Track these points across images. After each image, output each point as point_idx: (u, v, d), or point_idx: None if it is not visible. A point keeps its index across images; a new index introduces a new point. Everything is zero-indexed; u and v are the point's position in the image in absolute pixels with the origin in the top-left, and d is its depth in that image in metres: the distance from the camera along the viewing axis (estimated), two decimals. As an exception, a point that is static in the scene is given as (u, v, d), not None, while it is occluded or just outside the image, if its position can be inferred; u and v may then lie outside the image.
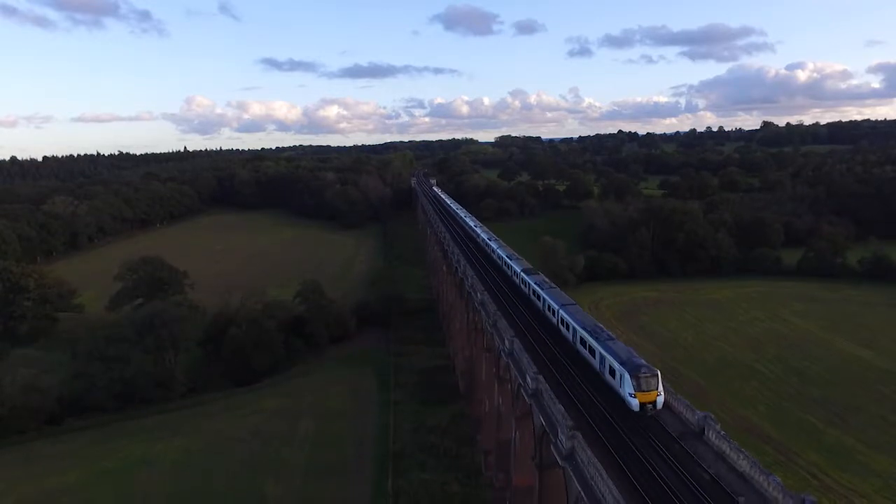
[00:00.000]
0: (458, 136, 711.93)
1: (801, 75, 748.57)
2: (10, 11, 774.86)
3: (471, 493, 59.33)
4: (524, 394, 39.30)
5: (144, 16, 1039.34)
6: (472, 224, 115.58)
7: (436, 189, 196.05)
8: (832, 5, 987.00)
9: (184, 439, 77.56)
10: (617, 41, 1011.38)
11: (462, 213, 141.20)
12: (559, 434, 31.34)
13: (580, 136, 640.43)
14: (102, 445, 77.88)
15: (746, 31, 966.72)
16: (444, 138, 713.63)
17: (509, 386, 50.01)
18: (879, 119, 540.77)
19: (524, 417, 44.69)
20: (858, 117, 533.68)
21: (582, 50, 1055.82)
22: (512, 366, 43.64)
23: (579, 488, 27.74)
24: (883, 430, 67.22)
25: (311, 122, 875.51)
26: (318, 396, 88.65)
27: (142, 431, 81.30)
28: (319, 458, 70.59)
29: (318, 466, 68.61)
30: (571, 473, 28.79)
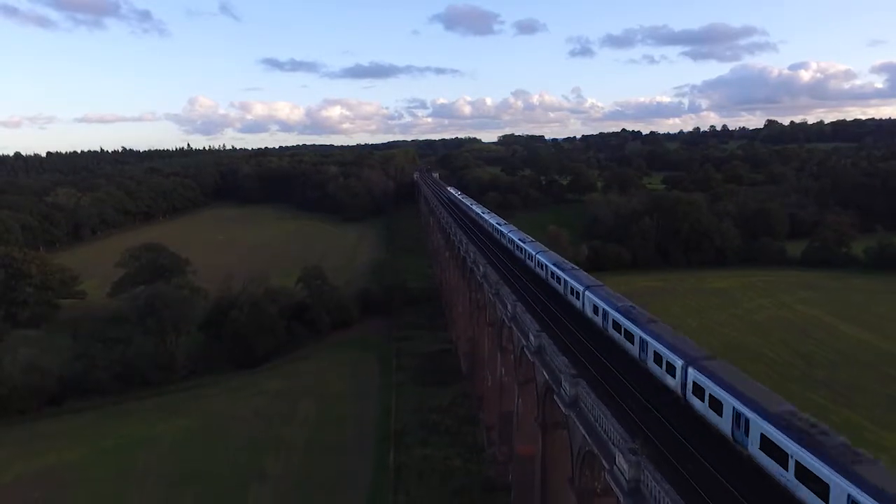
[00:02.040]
0: (461, 135, 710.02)
1: (805, 75, 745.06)
2: (11, 12, 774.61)
3: (473, 467, 58.84)
4: (527, 353, 38.73)
5: (145, 16, 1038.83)
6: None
7: (451, 190, 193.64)
8: (834, 4, 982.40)
9: (184, 419, 77.23)
10: (618, 41, 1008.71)
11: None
12: (562, 384, 30.76)
13: (583, 136, 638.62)
14: (103, 425, 77.59)
15: (748, 31, 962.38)
16: (447, 137, 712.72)
17: (512, 356, 49.46)
18: (884, 118, 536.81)
19: (527, 383, 44.17)
20: (862, 117, 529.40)
21: (583, 50, 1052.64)
22: (515, 329, 43.05)
23: (583, 432, 27.15)
24: (890, 409, 66.42)
25: (314, 123, 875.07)
26: (320, 379, 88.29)
27: (142, 412, 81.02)
28: (320, 437, 70.19)
29: (319, 445, 68.19)
30: (575, 419, 28.22)
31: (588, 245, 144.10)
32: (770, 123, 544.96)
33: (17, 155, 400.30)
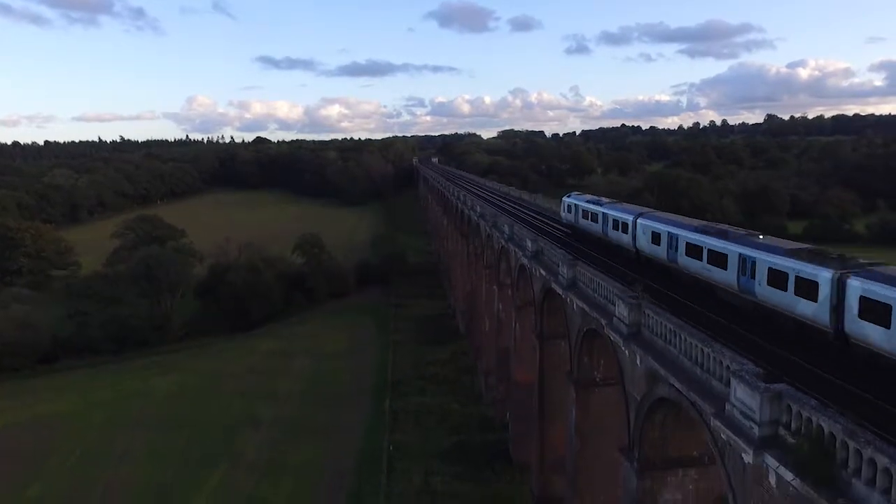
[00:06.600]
0: (461, 132, 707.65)
1: (803, 73, 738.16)
2: (6, 10, 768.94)
3: (471, 410, 58.04)
4: (524, 260, 37.74)
5: (138, 13, 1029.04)
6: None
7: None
8: (831, 1, 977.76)
9: (179, 374, 76.48)
10: (614, 38, 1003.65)
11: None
12: (559, 269, 29.78)
13: (583, 131, 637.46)
14: (96, 381, 76.74)
15: (745, 28, 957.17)
16: (446, 134, 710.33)
17: (510, 291, 48.54)
18: (883, 115, 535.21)
19: (525, 305, 43.28)
20: (862, 114, 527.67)
21: (580, 47, 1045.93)
22: (512, 247, 42.06)
23: (582, 306, 26.19)
24: None
25: (313, 122, 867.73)
26: (316, 339, 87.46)
27: (137, 369, 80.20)
28: (315, 389, 69.46)
29: (314, 395, 67.48)
30: (574, 297, 27.24)
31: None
32: (770, 117, 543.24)
33: (16, 144, 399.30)
